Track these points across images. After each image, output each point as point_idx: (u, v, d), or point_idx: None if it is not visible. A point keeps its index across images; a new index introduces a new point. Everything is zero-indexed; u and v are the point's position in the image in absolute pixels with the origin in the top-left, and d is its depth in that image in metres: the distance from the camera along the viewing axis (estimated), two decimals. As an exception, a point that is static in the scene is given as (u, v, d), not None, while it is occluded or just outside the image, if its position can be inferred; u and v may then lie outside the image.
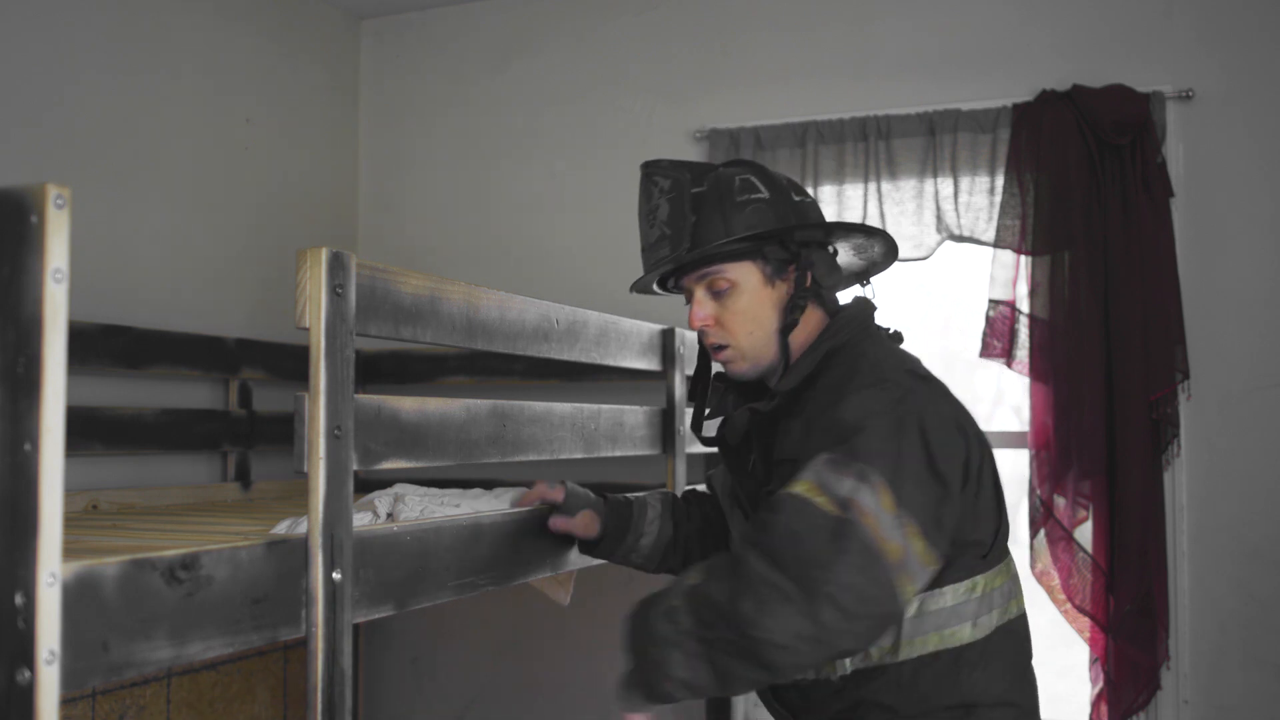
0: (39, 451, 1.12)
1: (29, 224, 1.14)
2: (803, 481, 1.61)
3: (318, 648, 1.53)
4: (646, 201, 1.88)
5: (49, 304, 1.14)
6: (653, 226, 1.85)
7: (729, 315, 1.83)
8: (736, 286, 1.83)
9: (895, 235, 3.29)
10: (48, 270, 1.14)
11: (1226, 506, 3.06)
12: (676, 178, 1.84)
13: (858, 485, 1.57)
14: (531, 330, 2.12)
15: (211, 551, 1.38)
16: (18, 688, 1.12)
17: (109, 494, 2.89)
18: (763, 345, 1.84)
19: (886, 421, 1.63)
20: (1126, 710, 3.04)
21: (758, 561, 1.56)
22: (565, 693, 3.63)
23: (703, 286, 1.85)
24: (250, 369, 3.39)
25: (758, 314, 1.83)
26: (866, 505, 1.55)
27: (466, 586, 1.88)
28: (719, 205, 1.83)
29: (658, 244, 1.84)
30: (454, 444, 1.85)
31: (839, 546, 1.53)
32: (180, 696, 3.08)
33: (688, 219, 1.82)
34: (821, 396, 1.73)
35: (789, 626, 1.52)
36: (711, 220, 1.82)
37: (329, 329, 1.54)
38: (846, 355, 1.79)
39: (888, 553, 1.54)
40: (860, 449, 1.60)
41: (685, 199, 1.83)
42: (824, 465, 1.61)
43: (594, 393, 3.49)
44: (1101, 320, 3.05)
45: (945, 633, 1.68)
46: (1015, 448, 3.29)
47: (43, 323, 1.13)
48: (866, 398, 1.67)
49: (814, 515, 1.55)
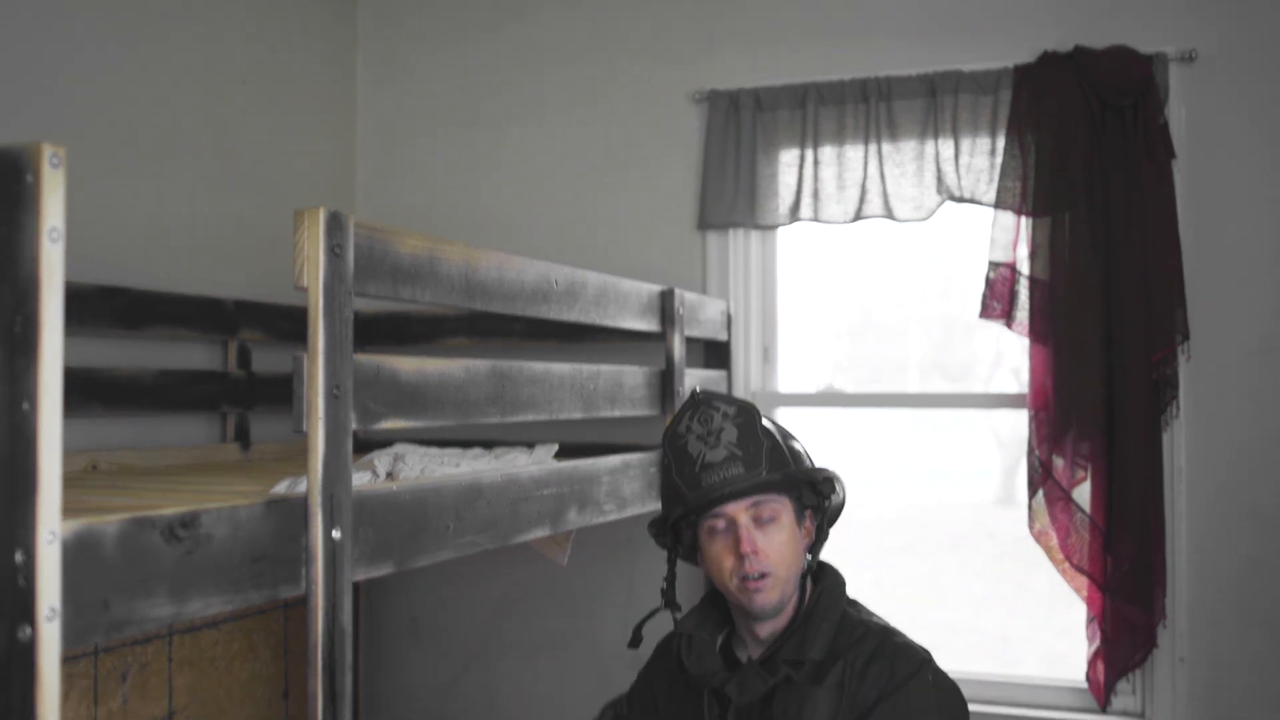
0: (37, 410, 1.13)
1: (24, 183, 1.13)
2: None
3: (318, 605, 1.54)
4: (705, 424, 1.95)
5: (45, 263, 1.14)
6: (715, 448, 1.92)
7: (772, 546, 1.92)
8: (779, 520, 1.93)
9: (895, 197, 3.28)
10: (44, 229, 1.14)
11: (1225, 467, 3.07)
12: (742, 407, 1.96)
13: None
14: (530, 291, 2.12)
15: (211, 510, 1.38)
16: (19, 644, 1.13)
17: (108, 455, 2.89)
18: (792, 581, 1.96)
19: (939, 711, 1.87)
20: (1123, 668, 3.06)
21: None
22: (565, 652, 3.65)
23: (749, 514, 1.92)
24: (249, 330, 3.39)
25: (795, 549, 1.95)
26: None
27: (466, 546, 1.89)
28: (782, 439, 1.99)
29: (727, 463, 1.91)
30: (453, 404, 1.86)
31: None
32: (182, 654, 3.10)
33: (762, 444, 1.92)
34: (863, 669, 1.88)
35: None
36: (779, 450, 1.95)
37: (327, 289, 1.54)
38: (859, 624, 1.96)
39: None
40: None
41: (757, 427, 1.94)
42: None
43: (593, 354, 3.49)
44: (1102, 282, 3.05)
45: None
46: (1014, 408, 3.29)
47: (39, 282, 1.14)
48: (923, 686, 1.87)
49: None
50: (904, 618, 3.57)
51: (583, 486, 2.32)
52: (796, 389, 3.61)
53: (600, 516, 2.40)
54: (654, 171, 3.63)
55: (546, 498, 2.15)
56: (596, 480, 2.38)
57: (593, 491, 2.36)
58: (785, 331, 3.60)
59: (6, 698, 1.13)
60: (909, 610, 3.63)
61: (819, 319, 3.75)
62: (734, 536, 1.91)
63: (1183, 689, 3.08)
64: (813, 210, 3.35)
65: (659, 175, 3.62)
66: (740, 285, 3.52)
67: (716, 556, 1.93)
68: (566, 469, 2.27)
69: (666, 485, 1.99)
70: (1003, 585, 3.64)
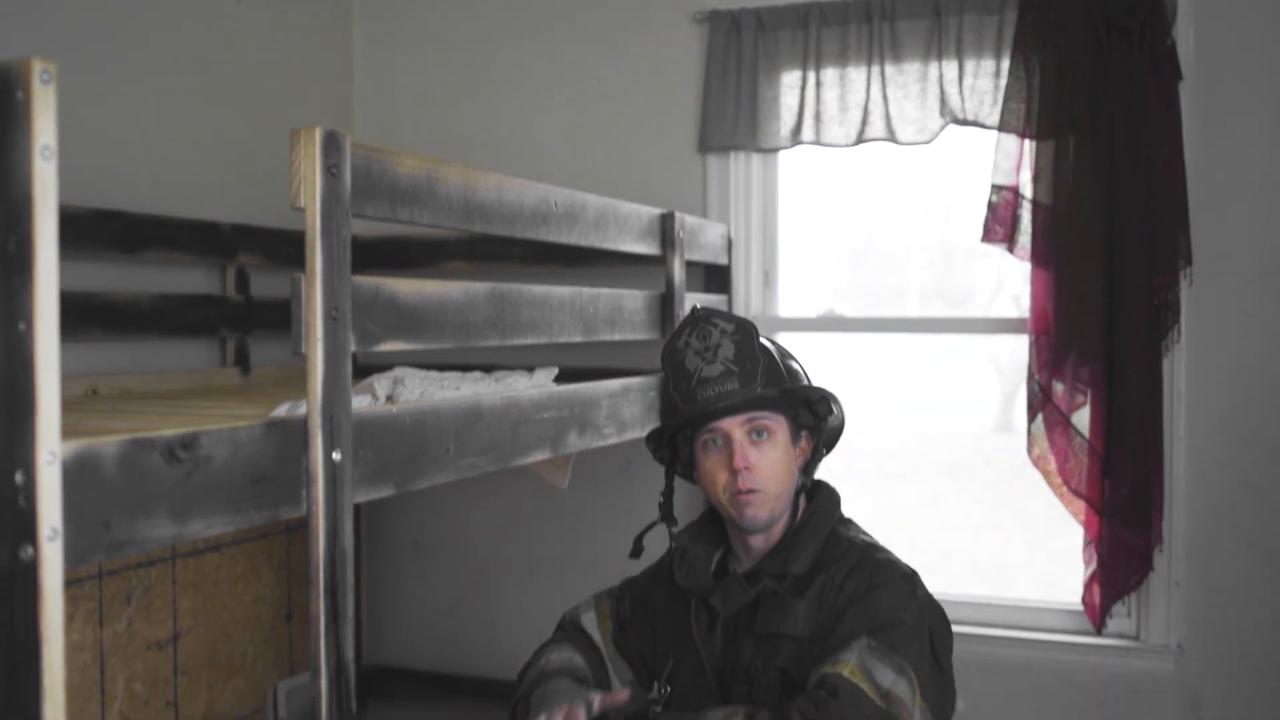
0: (33, 330, 1.12)
1: (15, 100, 1.12)
2: (846, 663, 1.79)
3: (319, 527, 1.54)
4: (703, 340, 1.96)
5: (38, 182, 1.13)
6: (712, 363, 1.94)
7: (765, 462, 1.95)
8: (772, 435, 1.95)
9: (898, 119, 3.25)
10: (36, 147, 1.12)
11: (1224, 392, 3.07)
12: (740, 324, 1.97)
13: (897, 679, 1.78)
14: (530, 213, 2.10)
15: (210, 431, 1.38)
16: (21, 564, 1.13)
17: (108, 379, 2.89)
18: (783, 498, 1.98)
19: (914, 615, 1.86)
20: (1119, 591, 3.09)
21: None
22: (565, 574, 3.68)
23: (745, 429, 1.94)
24: (247, 254, 3.37)
25: (788, 466, 1.97)
26: (904, 698, 1.77)
27: (466, 468, 1.89)
28: (780, 358, 2.01)
29: (723, 378, 1.93)
30: (452, 326, 1.85)
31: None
32: (185, 577, 3.12)
33: (759, 360, 1.94)
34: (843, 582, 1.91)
35: None
36: (775, 367, 1.97)
37: (324, 209, 1.52)
38: (844, 541, 1.98)
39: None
40: (898, 643, 1.81)
41: (754, 344, 1.95)
42: (866, 651, 1.80)
43: (593, 279, 3.47)
44: (1105, 205, 3.03)
45: None
46: (1015, 333, 3.29)
47: (32, 201, 1.12)
48: (897, 592, 1.88)
49: (863, 704, 1.74)
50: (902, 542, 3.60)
51: (583, 410, 2.32)
52: (797, 314, 3.60)
53: (600, 440, 2.40)
54: (654, 93, 3.59)
55: (546, 421, 2.15)
56: (596, 404, 2.38)
57: (593, 415, 2.36)
58: (786, 256, 3.58)
59: (10, 617, 1.13)
60: (907, 535, 3.65)
61: (820, 244, 3.73)
62: (728, 451, 1.93)
63: (1177, 612, 3.11)
64: (814, 133, 3.32)
65: (659, 97, 3.58)
66: (741, 209, 3.49)
67: (711, 470, 1.96)
68: (566, 392, 2.27)
69: (664, 399, 2.03)
70: (1000, 512, 3.66)
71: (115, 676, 2.90)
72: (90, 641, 2.82)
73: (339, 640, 1.57)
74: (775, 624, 1.91)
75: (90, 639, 2.82)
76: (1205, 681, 3.09)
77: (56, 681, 1.15)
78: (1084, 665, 3.18)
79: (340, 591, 1.58)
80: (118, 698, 2.91)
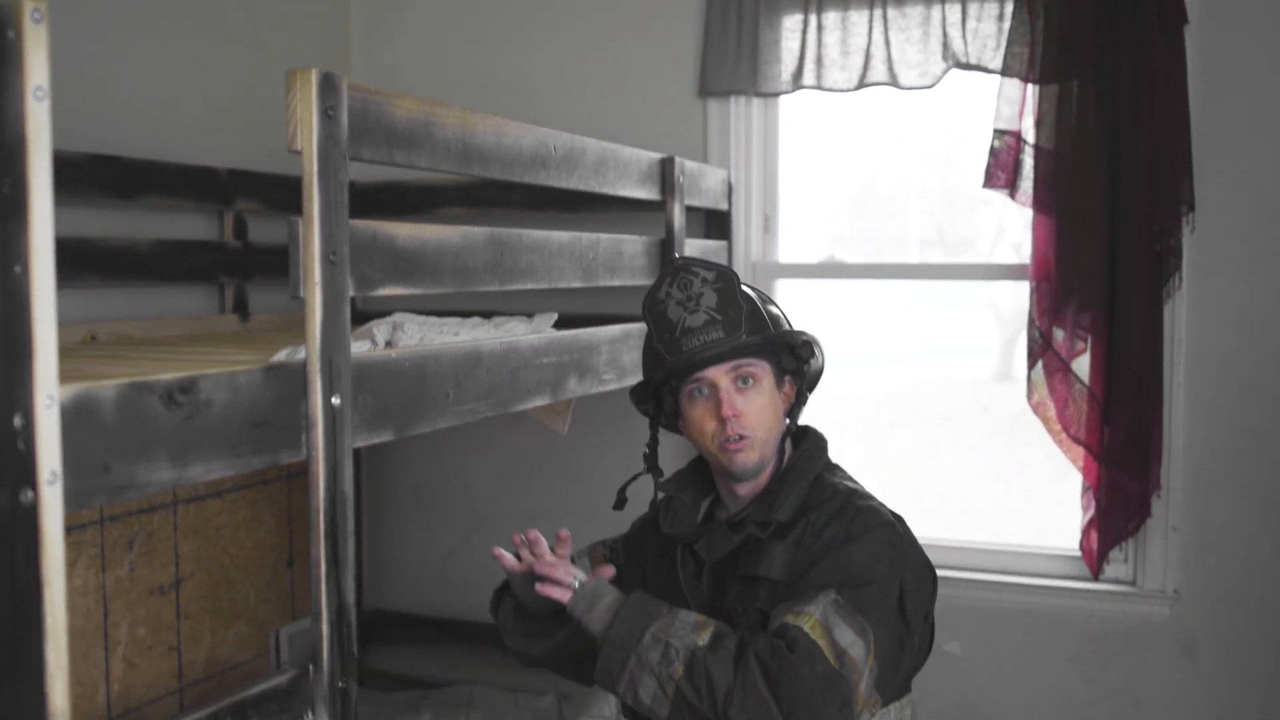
0: (29, 273, 1.11)
1: (6, 39, 1.10)
2: (810, 616, 1.79)
3: (319, 471, 1.54)
4: (685, 289, 1.95)
5: (31, 123, 1.12)
6: (695, 313, 1.93)
7: (752, 409, 1.94)
8: (758, 381, 1.94)
9: (900, 63, 3.21)
10: (28, 88, 1.11)
11: (1225, 339, 3.06)
12: (722, 272, 1.95)
13: (855, 640, 1.79)
14: (529, 157, 2.08)
15: (209, 375, 1.38)
16: (22, 507, 1.14)
17: (107, 325, 2.88)
18: (771, 443, 1.97)
19: (886, 571, 1.86)
20: (1116, 537, 3.10)
21: (760, 677, 1.75)
22: (564, 520, 3.67)
23: (730, 377, 1.94)
24: (244, 200, 3.35)
25: (774, 412, 1.97)
26: (857, 661, 1.78)
27: (466, 413, 1.89)
28: (761, 304, 1.99)
29: (707, 327, 1.92)
30: (451, 270, 1.84)
31: (825, 698, 1.75)
32: (187, 523, 3.13)
33: (742, 308, 1.93)
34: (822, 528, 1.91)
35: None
36: (758, 314, 1.96)
37: (321, 152, 1.51)
38: (828, 487, 1.98)
39: (856, 703, 1.79)
40: (864, 603, 1.82)
41: (736, 292, 1.94)
42: (831, 608, 1.81)
43: (592, 225, 3.45)
44: (1108, 151, 3.00)
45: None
46: (1016, 280, 3.28)
47: (26, 142, 1.11)
48: (874, 543, 1.87)
49: (816, 662, 1.75)
50: (899, 489, 3.62)
51: (582, 355, 2.32)
52: (797, 260, 3.59)
53: (600, 386, 2.40)
54: (655, 37, 3.55)
55: (546, 366, 2.15)
56: (596, 349, 2.38)
57: (592, 360, 2.36)
58: (786, 203, 3.56)
59: (11, 560, 1.14)
60: (905, 482, 3.67)
61: (820, 191, 3.71)
62: (715, 400, 1.93)
63: (1174, 558, 3.12)
64: (815, 77, 3.29)
65: (659, 40, 3.55)
66: (741, 154, 3.47)
67: (698, 420, 1.96)
68: (566, 338, 2.26)
69: (647, 351, 2.02)
70: (998, 460, 3.67)
71: (119, 621, 2.92)
72: (93, 587, 2.84)
73: (340, 584, 1.58)
74: (754, 566, 1.93)
75: (93, 584, 2.84)
76: (1200, 626, 3.12)
77: (59, 624, 1.16)
78: (1081, 610, 3.20)
79: (341, 536, 1.58)
80: (121, 642, 2.94)
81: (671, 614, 1.86)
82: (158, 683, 3.06)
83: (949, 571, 3.29)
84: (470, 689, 3.45)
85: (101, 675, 2.88)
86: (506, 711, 3.27)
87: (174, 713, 3.07)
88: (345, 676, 1.59)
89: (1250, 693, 3.08)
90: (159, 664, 3.06)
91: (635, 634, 1.84)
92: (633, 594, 1.91)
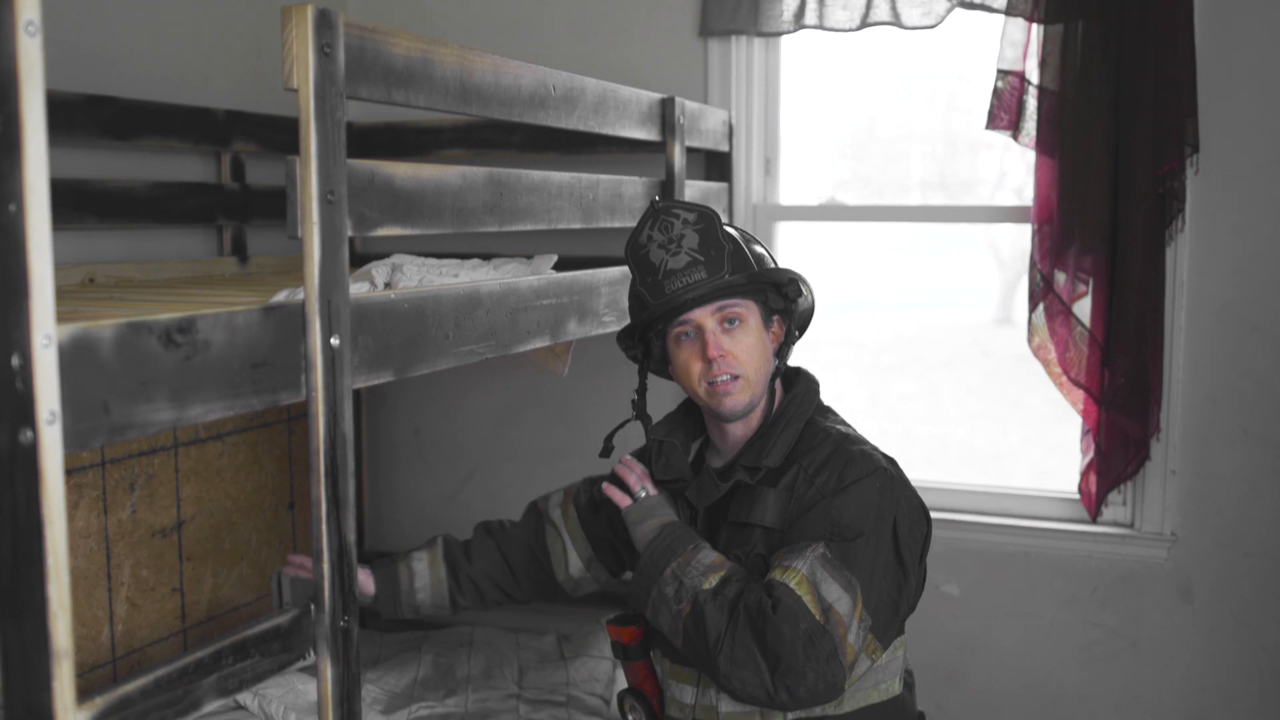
0: (24, 211, 1.10)
1: (-4, -28, 1.08)
2: (797, 573, 1.83)
3: (319, 412, 1.54)
4: (666, 232, 1.94)
5: (24, 58, 1.10)
6: (677, 255, 1.92)
7: (740, 349, 1.94)
8: (746, 323, 1.94)
9: (904, 2, 3.17)
10: (19, 23, 1.10)
11: (1226, 282, 3.05)
12: (702, 212, 1.94)
13: (842, 595, 1.81)
14: (527, 96, 2.06)
15: (207, 316, 1.37)
16: (21, 448, 1.13)
17: (105, 268, 2.87)
18: (760, 383, 1.98)
19: (876, 519, 1.87)
20: (1115, 479, 3.11)
21: (747, 629, 1.81)
22: (565, 462, 3.71)
23: (716, 318, 1.94)
24: (242, 142, 3.33)
25: (763, 351, 1.97)
26: (843, 614, 1.81)
27: (465, 354, 1.89)
28: (744, 243, 1.98)
29: (689, 269, 1.91)
30: (450, 211, 1.83)
31: (810, 653, 1.78)
32: (188, 466, 3.14)
33: (724, 248, 1.92)
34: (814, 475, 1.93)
35: (746, 686, 1.82)
36: (741, 253, 1.96)
37: (318, 90, 1.49)
38: (820, 431, 1.99)
39: (846, 653, 1.81)
40: (852, 556, 1.84)
41: (718, 231, 1.92)
42: (819, 562, 1.83)
43: (592, 168, 3.44)
44: (1112, 91, 2.97)
45: (881, 687, 1.97)
46: (1018, 222, 3.26)
47: (18, 78, 1.10)
48: (866, 491, 1.89)
49: (802, 618, 1.79)
50: (898, 433, 3.62)
51: (582, 297, 2.31)
52: (798, 202, 3.57)
53: (600, 328, 2.40)
54: (654, -25, 3.51)
55: (546, 308, 2.14)
56: (595, 291, 2.37)
57: (592, 302, 2.35)
58: (787, 145, 3.53)
59: (12, 500, 1.14)
60: (904, 425, 3.67)
61: (821, 134, 3.68)
62: (701, 341, 1.93)
63: (1173, 500, 3.13)
64: (818, 16, 3.25)
65: (659, -21, 3.50)
66: (742, 95, 3.44)
67: (685, 363, 1.96)
68: (566, 279, 2.25)
69: (632, 296, 2.02)
70: (997, 403, 3.67)
71: (121, 563, 2.93)
72: (95, 529, 2.85)
73: (340, 524, 1.58)
74: (746, 513, 1.95)
75: (95, 526, 2.85)
76: (1197, 569, 3.13)
77: (60, 563, 1.16)
78: (1078, 553, 3.22)
79: (341, 477, 1.58)
80: (124, 584, 2.95)
81: (694, 551, 1.91)
82: (161, 623, 3.08)
83: (948, 514, 3.31)
84: (471, 629, 3.48)
85: (105, 617, 2.90)
86: (507, 651, 3.29)
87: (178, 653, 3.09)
88: (347, 616, 1.60)
89: (1246, 635, 3.11)
90: (162, 605, 3.08)
91: (659, 567, 1.91)
92: (669, 524, 1.97)
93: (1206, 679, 3.15)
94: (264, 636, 1.51)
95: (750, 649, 1.80)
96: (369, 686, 3.06)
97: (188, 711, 1.40)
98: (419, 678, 3.16)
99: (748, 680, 1.80)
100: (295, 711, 2.69)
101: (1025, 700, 3.31)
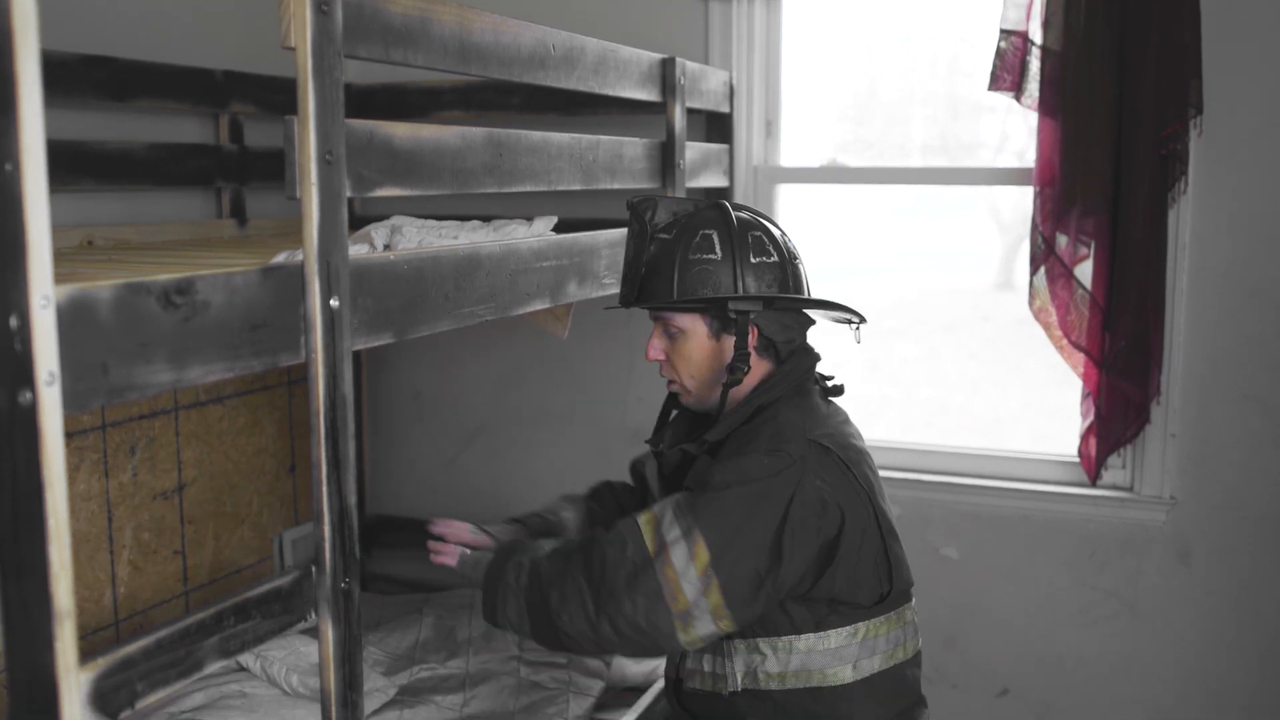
0: (20, 170, 1.09)
1: (-12, -75, 1.07)
2: (649, 512, 1.90)
3: (318, 373, 1.54)
4: (629, 229, 2.06)
5: (17, 14, 1.08)
6: (625, 264, 2.06)
7: (678, 357, 2.04)
8: (685, 334, 2.02)
9: (906, -38, 3.15)
10: (13, -21, 1.08)
11: (1229, 245, 3.04)
12: (643, 225, 2.01)
13: (680, 539, 1.83)
14: (527, 56, 2.05)
15: (206, 277, 1.37)
16: (20, 409, 1.13)
17: (104, 230, 2.86)
18: (706, 389, 2.05)
19: (750, 490, 1.85)
20: (1115, 443, 3.11)
21: (579, 565, 1.88)
22: (566, 425, 3.71)
23: (658, 326, 2.06)
24: (240, 103, 3.31)
25: (702, 362, 2.03)
26: (675, 559, 1.82)
27: (465, 316, 1.88)
28: (672, 263, 1.99)
29: (621, 282, 2.06)
30: (449, 172, 1.82)
31: (632, 585, 1.83)
32: (189, 429, 3.14)
33: (639, 271, 2.02)
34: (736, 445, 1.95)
35: (576, 624, 1.87)
36: (660, 275, 2.00)
37: (315, 48, 1.48)
38: (768, 415, 1.98)
39: (676, 601, 1.82)
40: (702, 510, 1.85)
41: (645, 249, 2.02)
42: (672, 504, 1.89)
43: (592, 129, 3.41)
44: (1116, 52, 2.95)
45: (827, 672, 1.93)
46: (1020, 185, 3.25)
47: (12, 34, 1.08)
48: (751, 463, 1.88)
49: (633, 549, 1.84)
50: (899, 397, 3.62)
51: (582, 259, 2.30)
52: (799, 164, 3.55)
53: (600, 290, 2.39)
54: (655, -65, 3.47)
55: (546, 270, 2.13)
56: (596, 253, 2.36)
57: (592, 264, 2.34)
58: (789, 107, 3.51)
59: (12, 461, 1.13)
60: (904, 389, 3.67)
61: (823, 96, 3.66)
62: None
63: (1172, 464, 3.14)
64: (820, -24, 3.22)
65: (660, -61, 3.47)
66: (744, 56, 3.41)
67: None
68: (566, 241, 2.24)
69: None
70: (998, 367, 3.66)
71: (123, 526, 2.94)
72: (97, 492, 2.86)
73: (341, 486, 1.58)
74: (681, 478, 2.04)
75: (97, 489, 2.86)
76: (1196, 532, 3.14)
77: (61, 524, 1.16)
78: (1078, 516, 3.23)
79: (341, 439, 1.58)
80: (126, 546, 2.96)
81: (536, 548, 2.00)
82: (163, 586, 3.09)
83: (948, 477, 3.32)
84: (472, 593, 3.49)
85: (107, 579, 2.91)
86: (508, 614, 3.31)
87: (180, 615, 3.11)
88: (348, 577, 1.60)
89: (1244, 598, 3.12)
90: (164, 568, 3.09)
91: (502, 566, 1.98)
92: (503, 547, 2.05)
93: (1204, 642, 3.16)
94: (265, 598, 1.51)
95: (577, 579, 1.87)
96: (370, 648, 3.08)
97: (190, 673, 1.40)
98: (420, 640, 3.18)
99: (575, 615, 1.85)
100: (297, 673, 2.70)
101: (1023, 663, 3.32)
